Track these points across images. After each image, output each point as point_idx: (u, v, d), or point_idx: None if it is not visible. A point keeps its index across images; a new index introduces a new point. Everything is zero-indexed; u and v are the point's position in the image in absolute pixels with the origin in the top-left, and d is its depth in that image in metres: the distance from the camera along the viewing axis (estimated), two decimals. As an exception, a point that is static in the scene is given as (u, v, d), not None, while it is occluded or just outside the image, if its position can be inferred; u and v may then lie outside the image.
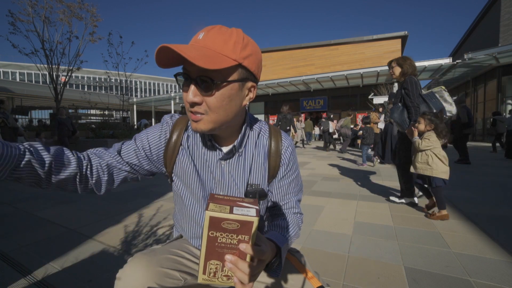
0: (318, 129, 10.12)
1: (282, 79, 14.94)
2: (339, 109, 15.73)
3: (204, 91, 0.56)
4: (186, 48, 0.52)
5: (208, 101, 0.57)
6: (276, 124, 7.09)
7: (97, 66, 50.70)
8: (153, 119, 23.84)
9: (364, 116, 7.05)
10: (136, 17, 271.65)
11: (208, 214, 0.44)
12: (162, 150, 0.73)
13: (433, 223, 2.20)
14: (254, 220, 0.45)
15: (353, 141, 10.02)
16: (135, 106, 23.08)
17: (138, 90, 60.13)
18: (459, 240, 1.87)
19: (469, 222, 2.21)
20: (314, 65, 17.39)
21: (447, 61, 11.40)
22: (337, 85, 15.58)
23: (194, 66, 0.52)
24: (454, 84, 17.40)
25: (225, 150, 0.70)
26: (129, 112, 22.35)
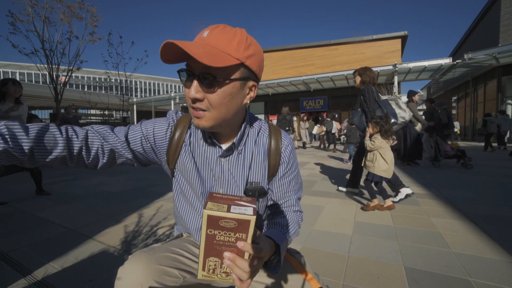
0: (315, 130, 10.08)
1: (282, 79, 14.94)
2: (339, 109, 15.73)
3: (206, 88, 0.58)
4: (191, 45, 0.53)
5: (210, 98, 0.58)
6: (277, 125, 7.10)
7: (97, 66, 50.83)
8: (153, 119, 23.76)
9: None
10: (136, 17, 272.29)
11: (206, 213, 0.45)
12: (166, 145, 0.73)
13: (433, 223, 2.20)
14: (251, 219, 0.45)
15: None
16: (135, 106, 23.06)
17: (138, 90, 60.14)
18: (459, 240, 1.87)
19: (469, 222, 2.21)
20: (314, 65, 17.38)
21: (447, 61, 11.40)
22: (337, 85, 15.58)
23: (198, 63, 0.53)
24: (454, 84, 17.38)
25: (225, 147, 0.71)
26: (129, 112, 22.38)
